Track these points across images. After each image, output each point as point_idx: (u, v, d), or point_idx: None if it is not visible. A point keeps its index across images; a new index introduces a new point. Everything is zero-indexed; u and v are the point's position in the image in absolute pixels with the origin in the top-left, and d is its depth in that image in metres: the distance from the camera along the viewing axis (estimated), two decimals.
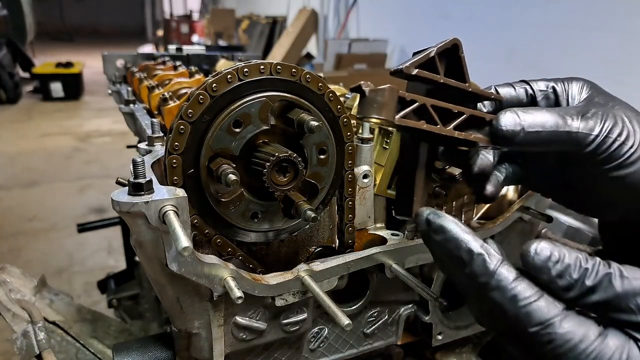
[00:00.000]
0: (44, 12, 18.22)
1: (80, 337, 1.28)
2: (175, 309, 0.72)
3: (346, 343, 0.93)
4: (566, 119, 0.62)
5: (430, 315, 0.96)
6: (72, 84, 9.73)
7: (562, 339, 0.48)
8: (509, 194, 1.10)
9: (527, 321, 0.49)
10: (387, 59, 6.32)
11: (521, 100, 0.73)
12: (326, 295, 0.72)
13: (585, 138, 0.61)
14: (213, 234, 0.73)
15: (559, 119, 0.62)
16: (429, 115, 0.63)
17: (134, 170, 0.62)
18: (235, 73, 0.67)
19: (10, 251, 3.95)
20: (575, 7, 3.91)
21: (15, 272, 1.32)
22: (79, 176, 5.74)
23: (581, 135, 0.61)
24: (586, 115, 0.62)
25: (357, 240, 0.88)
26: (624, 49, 3.57)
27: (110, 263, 3.74)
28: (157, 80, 1.57)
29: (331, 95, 0.75)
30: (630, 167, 0.61)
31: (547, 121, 0.62)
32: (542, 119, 0.62)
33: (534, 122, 0.62)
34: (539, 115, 0.63)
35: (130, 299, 2.25)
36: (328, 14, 8.10)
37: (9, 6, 10.11)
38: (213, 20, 10.63)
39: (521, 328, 0.50)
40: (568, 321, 0.49)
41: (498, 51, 4.72)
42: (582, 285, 0.50)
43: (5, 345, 2.67)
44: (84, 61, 10.76)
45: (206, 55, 2.24)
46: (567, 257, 0.51)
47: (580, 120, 0.62)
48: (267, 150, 0.69)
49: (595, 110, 0.63)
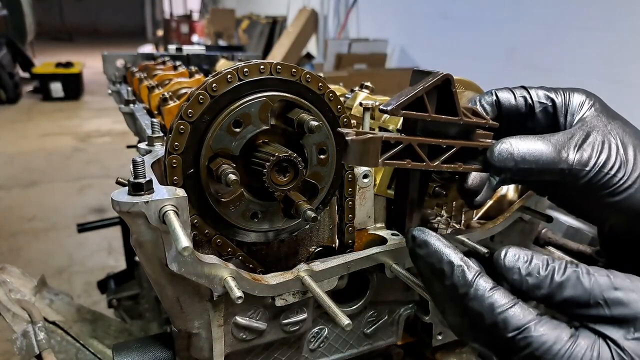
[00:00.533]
0: (43, 12, 18.25)
1: (80, 337, 1.28)
2: (175, 309, 0.72)
3: (346, 343, 0.93)
4: (561, 153, 0.63)
5: (430, 315, 0.96)
6: (72, 84, 9.73)
7: (538, 341, 0.52)
8: (509, 194, 1.10)
9: (504, 327, 0.53)
10: (387, 59, 6.33)
11: (519, 110, 0.72)
12: (326, 295, 0.72)
13: (578, 172, 0.62)
14: (213, 234, 0.73)
15: (554, 153, 0.63)
16: (415, 153, 0.62)
17: (134, 170, 0.62)
18: (235, 73, 0.67)
19: (10, 251, 3.95)
20: (575, 7, 3.91)
21: (15, 272, 1.32)
22: (79, 176, 5.74)
23: (574, 171, 0.62)
24: (582, 148, 0.63)
25: (357, 240, 0.88)
26: (623, 48, 3.57)
27: (110, 263, 3.74)
28: (157, 80, 1.57)
29: (331, 95, 0.75)
30: (621, 194, 0.62)
31: (541, 155, 0.63)
32: (536, 152, 0.63)
33: (527, 155, 0.63)
34: (534, 147, 0.63)
35: (130, 299, 2.25)
36: (328, 14, 8.10)
37: (9, 6, 10.12)
38: (213, 20, 10.62)
39: (499, 334, 0.53)
40: (542, 325, 0.52)
41: (498, 51, 4.72)
42: (552, 282, 0.55)
43: (5, 345, 2.67)
44: (84, 61, 10.76)
45: (206, 55, 2.24)
46: (535, 257, 0.56)
47: (575, 152, 0.63)
48: (267, 150, 0.69)
49: (591, 138, 0.64)
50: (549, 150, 0.63)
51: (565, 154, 0.63)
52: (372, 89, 1.11)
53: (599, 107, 0.69)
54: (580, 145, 0.63)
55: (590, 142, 0.63)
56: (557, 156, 0.62)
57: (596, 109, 0.69)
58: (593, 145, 0.63)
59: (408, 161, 0.62)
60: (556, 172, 0.63)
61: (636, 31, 3.45)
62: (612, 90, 3.65)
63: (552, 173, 0.63)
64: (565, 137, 0.64)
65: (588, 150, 0.63)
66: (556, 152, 0.63)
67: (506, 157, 0.63)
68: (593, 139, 0.64)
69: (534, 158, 0.62)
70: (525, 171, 0.63)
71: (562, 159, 0.62)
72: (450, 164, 0.65)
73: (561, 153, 0.63)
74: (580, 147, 0.63)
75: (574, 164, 0.62)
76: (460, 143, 0.65)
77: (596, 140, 0.64)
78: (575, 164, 0.62)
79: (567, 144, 0.63)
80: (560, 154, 0.63)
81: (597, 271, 0.55)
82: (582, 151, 0.63)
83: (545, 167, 0.63)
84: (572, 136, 0.64)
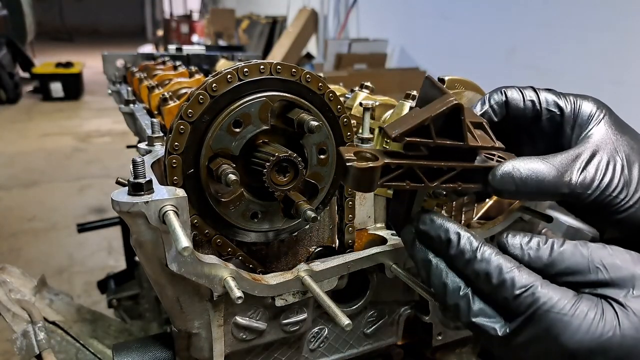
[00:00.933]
0: (43, 12, 18.23)
1: (80, 337, 1.28)
2: (175, 309, 0.72)
3: (346, 343, 0.93)
4: (564, 176, 0.63)
5: (430, 315, 0.96)
6: (72, 84, 9.72)
7: (544, 298, 0.54)
8: None
9: (511, 285, 0.56)
10: (387, 59, 6.32)
11: (526, 115, 0.72)
12: (326, 295, 0.72)
13: (580, 195, 0.64)
14: (213, 234, 0.73)
15: (556, 177, 0.63)
16: (416, 175, 0.62)
17: (134, 170, 0.62)
18: (235, 73, 0.67)
19: (10, 251, 3.94)
20: (576, 7, 3.91)
21: (15, 272, 1.32)
22: (79, 176, 5.74)
23: (576, 194, 0.63)
24: (585, 169, 0.63)
25: (357, 240, 0.88)
26: (623, 48, 3.57)
27: (110, 263, 3.74)
28: (157, 80, 1.57)
29: (331, 95, 0.75)
30: (622, 213, 0.64)
31: (543, 179, 0.63)
32: (538, 176, 0.63)
33: (529, 180, 0.63)
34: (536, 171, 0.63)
35: (130, 299, 2.25)
36: (328, 14, 8.10)
37: (9, 6, 10.11)
38: (213, 20, 10.62)
39: (506, 293, 0.56)
40: (547, 286, 0.56)
41: (498, 51, 4.72)
42: (552, 252, 0.58)
43: (5, 345, 2.67)
44: (84, 61, 10.75)
45: (206, 55, 2.24)
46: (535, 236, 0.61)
47: (579, 175, 0.63)
48: (267, 150, 0.69)
49: (596, 158, 0.64)
50: (552, 174, 0.63)
51: (568, 177, 0.63)
52: (372, 89, 1.11)
53: (608, 120, 0.68)
54: (585, 167, 0.64)
55: (595, 163, 0.64)
56: (559, 180, 0.63)
57: (605, 121, 0.68)
58: (597, 166, 0.64)
59: (407, 182, 0.62)
60: (558, 195, 0.64)
61: (636, 31, 3.45)
62: (612, 90, 3.65)
63: (554, 196, 0.64)
64: (569, 158, 0.65)
65: (592, 172, 0.63)
66: (559, 176, 0.63)
67: (508, 181, 0.63)
68: (598, 159, 0.64)
69: (536, 183, 0.63)
70: (526, 194, 0.64)
71: (565, 183, 0.63)
72: (450, 184, 0.64)
73: (564, 176, 0.63)
74: (584, 169, 0.64)
75: (576, 188, 0.63)
76: (462, 165, 0.64)
77: (601, 161, 0.64)
78: (577, 187, 0.63)
79: (570, 166, 0.64)
80: (563, 177, 0.63)
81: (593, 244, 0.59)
82: (585, 172, 0.63)
83: (546, 191, 0.63)
84: (577, 157, 0.65)
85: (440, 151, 0.63)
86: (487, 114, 0.73)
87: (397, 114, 0.93)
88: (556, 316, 0.53)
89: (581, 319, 0.53)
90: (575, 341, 0.53)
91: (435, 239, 0.63)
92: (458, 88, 0.90)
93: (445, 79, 0.88)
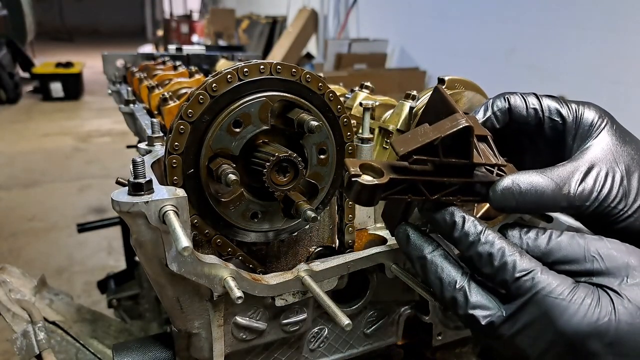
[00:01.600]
0: (43, 12, 18.25)
1: (80, 337, 1.28)
2: (175, 309, 0.72)
3: (346, 343, 0.93)
4: (562, 189, 0.64)
5: (430, 315, 0.96)
6: (72, 84, 9.72)
7: (544, 282, 0.56)
8: None
9: (513, 267, 0.57)
10: (387, 59, 6.32)
11: (529, 123, 0.73)
12: (326, 295, 0.72)
13: (579, 207, 0.65)
14: (213, 234, 0.73)
15: (555, 191, 0.64)
16: (418, 189, 0.63)
17: (134, 170, 0.62)
18: (235, 73, 0.67)
19: (10, 251, 3.94)
20: (575, 7, 3.91)
21: (15, 272, 1.32)
22: (79, 176, 5.74)
23: (575, 206, 0.64)
24: (584, 181, 0.64)
25: (357, 240, 0.88)
26: (623, 48, 3.57)
27: (110, 263, 3.74)
28: (157, 80, 1.57)
29: (331, 95, 0.75)
30: (621, 223, 0.65)
31: (543, 193, 0.63)
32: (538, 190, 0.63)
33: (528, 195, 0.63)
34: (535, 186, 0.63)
35: (130, 299, 2.25)
36: (328, 14, 8.10)
37: (9, 6, 10.11)
38: (213, 20, 10.62)
39: (507, 275, 0.58)
40: (546, 272, 0.57)
41: (498, 51, 4.72)
42: (550, 241, 0.60)
43: (5, 345, 2.67)
44: (84, 61, 10.75)
45: (206, 55, 2.24)
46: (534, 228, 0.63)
47: (577, 187, 0.64)
48: (267, 150, 0.69)
49: (595, 170, 0.65)
50: (551, 188, 0.64)
51: (566, 190, 0.64)
52: (372, 89, 1.11)
53: (610, 129, 0.69)
54: (583, 179, 0.64)
55: (594, 174, 0.65)
56: (558, 193, 0.64)
57: (607, 131, 0.69)
58: (596, 178, 0.64)
59: (409, 195, 0.63)
60: (557, 208, 0.65)
61: (636, 31, 3.45)
62: (612, 90, 3.65)
63: (554, 209, 0.65)
64: (568, 171, 0.65)
65: (590, 184, 0.64)
66: (557, 190, 0.64)
67: (508, 197, 0.64)
68: (597, 170, 0.65)
69: (535, 197, 0.63)
70: (526, 210, 0.65)
71: (563, 196, 0.64)
72: (450, 197, 0.65)
73: (563, 189, 0.64)
74: (582, 181, 0.64)
75: (575, 200, 0.64)
76: (464, 181, 0.65)
77: (600, 172, 0.65)
78: (576, 200, 0.64)
79: (569, 179, 0.64)
80: (561, 190, 0.64)
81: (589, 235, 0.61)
82: (584, 184, 0.64)
83: (546, 205, 0.64)
84: (575, 170, 0.65)
85: (444, 168, 0.63)
86: (490, 120, 0.73)
87: (397, 114, 0.93)
88: (554, 301, 0.55)
89: (578, 304, 0.54)
90: (572, 325, 0.54)
91: (441, 221, 0.64)
92: (458, 88, 0.90)
93: (445, 79, 0.88)
